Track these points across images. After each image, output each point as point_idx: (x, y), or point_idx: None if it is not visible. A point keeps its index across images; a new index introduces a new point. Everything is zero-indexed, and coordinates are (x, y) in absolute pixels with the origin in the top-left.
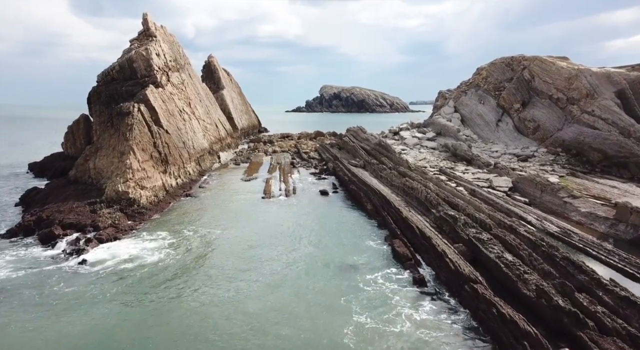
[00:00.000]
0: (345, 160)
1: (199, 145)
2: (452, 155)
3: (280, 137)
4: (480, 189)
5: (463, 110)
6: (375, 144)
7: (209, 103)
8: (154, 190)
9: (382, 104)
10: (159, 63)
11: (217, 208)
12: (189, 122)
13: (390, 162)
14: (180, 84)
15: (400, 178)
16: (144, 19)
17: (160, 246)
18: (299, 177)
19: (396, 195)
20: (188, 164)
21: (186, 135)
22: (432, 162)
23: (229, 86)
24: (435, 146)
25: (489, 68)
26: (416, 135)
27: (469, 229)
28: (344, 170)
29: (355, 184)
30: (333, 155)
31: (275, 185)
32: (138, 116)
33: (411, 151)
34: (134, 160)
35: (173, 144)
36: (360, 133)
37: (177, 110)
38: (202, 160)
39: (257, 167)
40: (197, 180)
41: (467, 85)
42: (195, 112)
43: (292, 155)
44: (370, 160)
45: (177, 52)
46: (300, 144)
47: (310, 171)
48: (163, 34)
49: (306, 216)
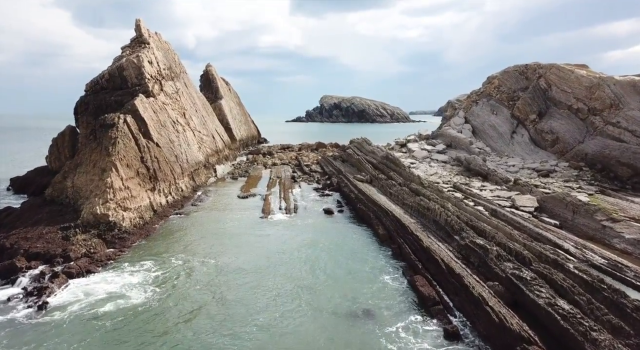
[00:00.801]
0: (350, 175)
1: (193, 158)
2: (465, 170)
3: (280, 148)
4: (502, 209)
5: (474, 121)
6: (382, 157)
7: (205, 113)
8: (139, 211)
9: (383, 114)
10: (151, 71)
11: (210, 231)
12: (183, 134)
13: (400, 177)
14: (175, 94)
15: (413, 196)
16: (136, 25)
17: (142, 281)
18: (300, 193)
19: (410, 216)
20: (180, 179)
21: (179, 148)
22: (445, 177)
23: (227, 96)
24: (447, 160)
25: (501, 77)
26: (425, 148)
27: (505, 264)
28: (349, 186)
29: (362, 203)
30: (337, 169)
31: (274, 203)
32: (123, 128)
33: (421, 165)
34: (116, 178)
35: (164, 158)
36: (365, 145)
37: (170, 121)
38: (197, 175)
39: (256, 181)
40: (190, 198)
41: (478, 95)
42: (191, 123)
43: (292, 168)
44: (378, 175)
45: (172, 60)
46: (301, 156)
47: (312, 186)
48: (157, 40)
49: (310, 241)
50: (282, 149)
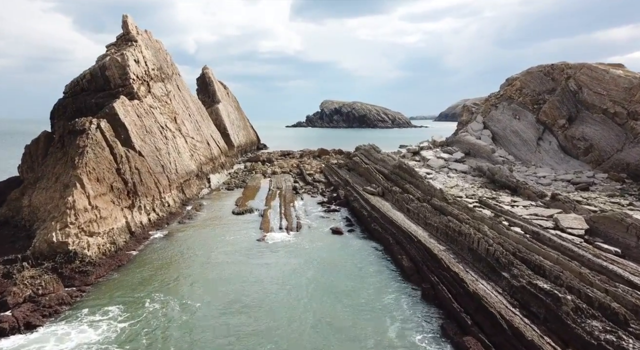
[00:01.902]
0: (359, 186)
1: (183, 168)
2: (489, 182)
3: (281, 155)
4: (546, 232)
5: (494, 126)
6: (394, 167)
7: (200, 118)
8: (110, 236)
9: (384, 119)
10: (137, 71)
11: (197, 259)
12: (173, 141)
13: (418, 190)
14: (165, 96)
15: (437, 216)
16: (123, 21)
17: (104, 339)
18: (303, 208)
19: (436, 241)
20: (167, 192)
21: (167, 156)
22: (468, 191)
23: (225, 100)
24: (466, 170)
25: (523, 78)
26: (441, 156)
27: (590, 323)
28: (359, 200)
29: (377, 222)
30: (343, 180)
31: (274, 220)
32: (96, 135)
33: (438, 175)
34: (81, 195)
35: (147, 169)
36: (374, 152)
37: (158, 126)
38: (188, 186)
39: (254, 193)
40: (178, 214)
41: (497, 98)
42: (182, 129)
43: (294, 178)
44: (391, 187)
45: (164, 60)
46: (303, 163)
47: (316, 199)
48: (147, 39)
49: (316, 275)
50: (283, 155)
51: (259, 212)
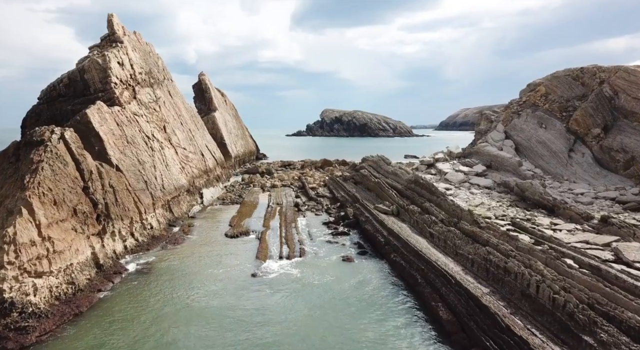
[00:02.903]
0: (370, 204)
1: (172, 183)
2: (519, 199)
3: (281, 166)
4: (606, 266)
5: (517, 136)
6: (408, 182)
7: (194, 127)
8: (68, 274)
9: (385, 128)
10: (121, 74)
11: (176, 302)
12: (160, 153)
13: (440, 210)
14: (153, 102)
15: (471, 244)
16: (108, 20)
17: None
18: (307, 230)
19: (474, 277)
20: (150, 212)
21: (152, 170)
22: (496, 210)
23: (222, 108)
24: (490, 185)
25: (549, 83)
26: (461, 169)
27: None
28: (372, 221)
29: (399, 253)
30: (351, 195)
31: (273, 244)
32: (57, 148)
33: (459, 192)
34: (27, 225)
35: (125, 186)
36: (383, 164)
37: (143, 136)
38: (176, 204)
39: (251, 210)
40: (161, 237)
41: (519, 105)
42: (173, 139)
43: (295, 192)
44: (407, 205)
45: (154, 64)
46: (305, 175)
47: (321, 218)
48: (135, 40)
49: (328, 331)
50: (283, 166)
51: (256, 234)
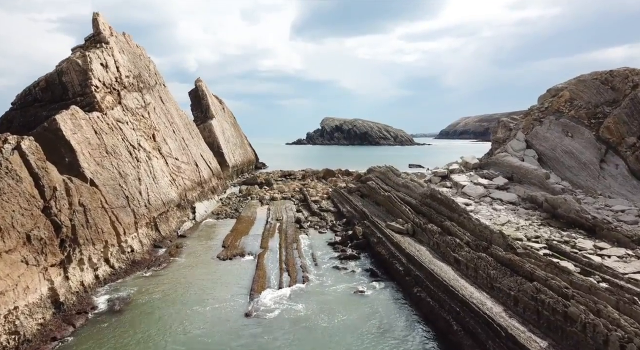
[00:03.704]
0: (381, 221)
1: (159, 197)
2: (550, 217)
3: (281, 176)
4: None
5: (540, 145)
6: (423, 196)
7: (188, 135)
8: (9, 322)
9: (386, 136)
10: (104, 77)
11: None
12: (147, 164)
13: (465, 231)
14: (141, 109)
15: (510, 277)
16: (93, 19)
17: None
18: (310, 251)
19: (519, 321)
20: (131, 233)
21: (136, 184)
22: (527, 230)
23: (219, 115)
24: (515, 200)
25: (574, 88)
26: (480, 182)
27: None
28: (385, 243)
29: (423, 287)
30: (358, 210)
31: (272, 270)
32: (10, 161)
33: (480, 207)
34: None
35: (100, 204)
36: (392, 176)
37: (127, 145)
38: (164, 221)
39: (248, 226)
40: (144, 261)
41: (541, 112)
42: (163, 148)
43: (297, 205)
44: (424, 224)
45: (145, 67)
46: (306, 187)
47: (325, 236)
48: (123, 42)
49: None
50: (283, 176)
51: (252, 257)
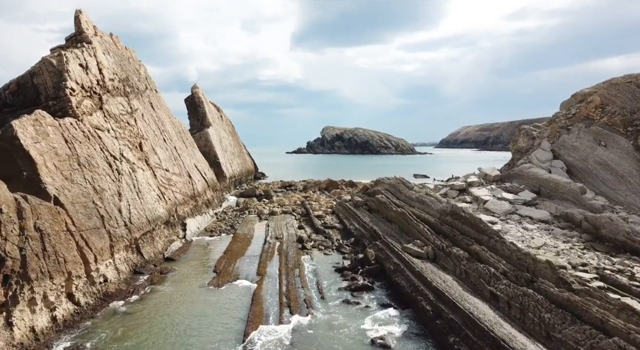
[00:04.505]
0: (396, 242)
1: (144, 214)
2: (593, 239)
3: (281, 187)
4: None
5: (569, 156)
6: (442, 213)
7: (182, 144)
8: None
9: (387, 145)
10: (83, 79)
11: None
12: (130, 176)
13: (499, 258)
14: (126, 115)
15: (574, 325)
16: (75, 17)
17: None
18: (315, 280)
19: None
20: (106, 259)
21: (114, 200)
22: (569, 255)
23: (217, 123)
24: (547, 218)
25: (606, 92)
26: (504, 197)
27: None
28: (405, 272)
29: (463, 338)
30: (368, 229)
31: (270, 306)
32: None
33: (508, 226)
34: None
35: (65, 227)
36: (404, 188)
37: (105, 156)
38: (149, 241)
39: (243, 246)
40: (120, 293)
41: (567, 118)
42: (151, 158)
43: (298, 221)
44: (448, 248)
45: (134, 71)
46: (308, 200)
47: (331, 258)
48: (110, 43)
49: None
50: (283, 187)
51: (248, 284)
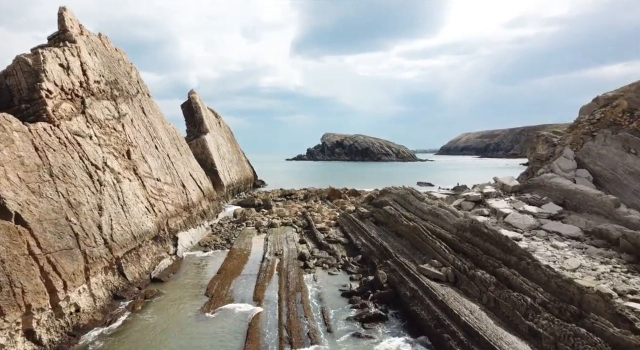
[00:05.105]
0: (410, 263)
1: (128, 230)
2: (636, 260)
3: (281, 196)
4: None
5: (595, 165)
6: (460, 228)
7: (176, 151)
8: None
9: (388, 152)
10: (63, 80)
11: None
12: (114, 187)
13: (535, 285)
14: (113, 120)
15: None
16: (59, 14)
17: None
18: (320, 306)
19: None
20: (79, 284)
21: (93, 215)
22: (612, 279)
23: (214, 130)
24: (578, 234)
25: (634, 95)
26: (527, 210)
27: None
28: (424, 300)
29: None
30: (377, 245)
31: (269, 339)
32: None
33: (535, 244)
34: None
35: (26, 250)
36: (414, 200)
37: (85, 165)
38: (134, 260)
39: (239, 265)
40: (94, 324)
41: (592, 124)
42: (140, 167)
43: (299, 233)
44: (471, 270)
45: (125, 74)
46: (310, 211)
47: (338, 279)
48: (97, 43)
49: None
50: (283, 196)
51: (244, 309)
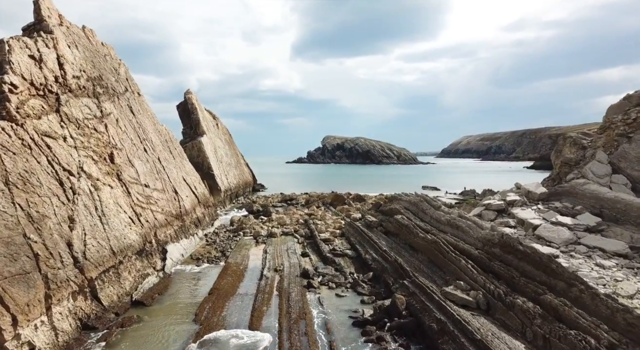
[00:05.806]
0: (433, 284)
1: (106, 245)
2: None
3: (281, 201)
4: None
5: (632, 170)
6: (486, 243)
7: (168, 155)
8: None
9: (389, 155)
10: (33, 74)
11: None
12: (91, 196)
13: (595, 320)
14: (94, 119)
15: None
16: (34, 2)
17: None
18: (327, 338)
19: None
20: (36, 316)
21: (62, 230)
22: None
23: (212, 132)
24: (624, 250)
25: None
26: (561, 221)
27: None
28: (458, 338)
29: None
30: (390, 261)
31: None
32: None
33: (577, 263)
34: None
35: None
36: (428, 208)
37: (55, 171)
38: (113, 279)
39: (235, 282)
40: None
41: (627, 125)
42: (125, 172)
43: (301, 244)
44: (508, 296)
45: (112, 70)
46: (312, 218)
47: (346, 301)
48: (80, 35)
49: None
50: (284, 201)
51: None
